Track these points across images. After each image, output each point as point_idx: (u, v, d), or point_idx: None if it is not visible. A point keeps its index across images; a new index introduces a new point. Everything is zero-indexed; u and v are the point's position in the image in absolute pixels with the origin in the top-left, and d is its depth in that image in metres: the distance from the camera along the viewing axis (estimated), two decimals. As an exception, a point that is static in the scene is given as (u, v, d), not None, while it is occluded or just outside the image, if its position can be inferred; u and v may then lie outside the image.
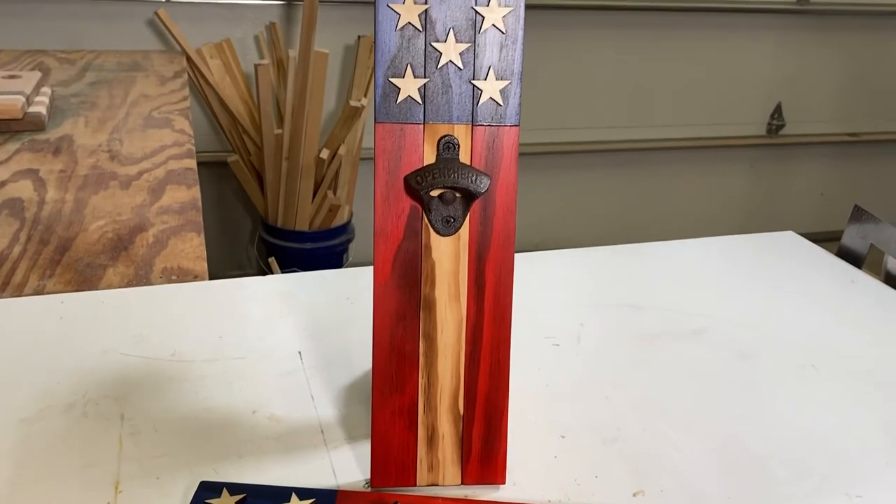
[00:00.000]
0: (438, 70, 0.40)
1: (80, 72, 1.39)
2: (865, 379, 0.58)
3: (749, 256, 0.77)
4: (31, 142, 1.01)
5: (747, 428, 0.51)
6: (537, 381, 0.55)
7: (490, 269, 0.43)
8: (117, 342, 0.57)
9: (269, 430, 0.49)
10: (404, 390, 0.43)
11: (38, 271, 0.68)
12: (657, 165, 2.31)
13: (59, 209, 0.81)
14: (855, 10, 2.23)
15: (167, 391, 0.52)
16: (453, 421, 0.44)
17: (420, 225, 0.42)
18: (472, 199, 0.42)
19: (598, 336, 0.61)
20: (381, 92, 0.40)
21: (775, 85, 2.29)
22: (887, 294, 0.71)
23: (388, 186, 0.41)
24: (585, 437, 0.49)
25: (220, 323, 0.60)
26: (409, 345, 0.43)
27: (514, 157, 0.42)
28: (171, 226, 0.78)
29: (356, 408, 0.51)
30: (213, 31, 1.78)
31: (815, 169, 2.46)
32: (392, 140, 0.41)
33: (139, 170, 0.93)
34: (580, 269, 0.73)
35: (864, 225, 0.77)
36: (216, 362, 0.55)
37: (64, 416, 0.49)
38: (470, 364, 0.43)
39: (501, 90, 0.41)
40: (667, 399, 0.54)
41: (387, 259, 0.42)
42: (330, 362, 0.56)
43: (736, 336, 0.62)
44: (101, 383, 0.52)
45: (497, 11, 0.40)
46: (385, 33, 0.39)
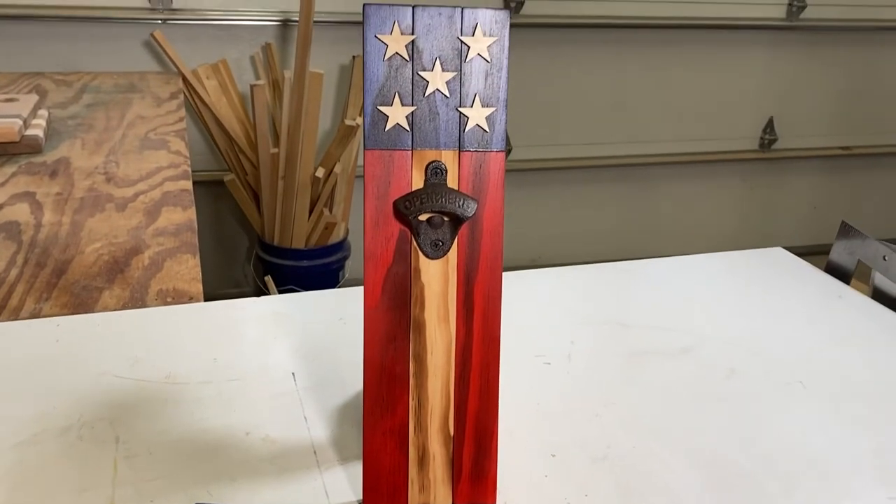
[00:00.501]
0: (426, 98, 0.41)
1: (77, 94, 1.41)
2: (853, 395, 0.58)
3: (737, 273, 0.78)
4: (28, 164, 1.02)
5: (736, 445, 0.52)
6: (528, 399, 0.56)
7: (478, 291, 0.44)
8: (113, 365, 0.57)
9: (263, 451, 0.49)
10: (395, 411, 0.44)
11: (35, 294, 0.68)
12: (651, 180, 2.33)
13: (56, 232, 0.81)
14: (845, 25, 2.26)
15: (162, 414, 0.52)
16: (444, 441, 0.44)
17: (409, 248, 0.43)
18: (460, 223, 0.42)
19: (588, 354, 0.62)
20: (369, 120, 0.41)
21: (767, 100, 2.31)
22: (874, 309, 0.72)
23: (378, 211, 0.42)
24: (575, 456, 0.50)
25: (214, 345, 0.61)
26: (400, 366, 0.44)
27: (500, 182, 0.43)
28: (166, 248, 0.79)
29: (348, 428, 0.52)
30: (209, 51, 1.79)
31: (807, 182, 2.48)
32: (381, 166, 0.42)
33: (135, 192, 0.94)
34: (570, 286, 0.74)
35: (851, 241, 0.78)
36: (210, 384, 0.56)
37: (59, 440, 0.49)
38: (460, 385, 0.44)
39: (487, 117, 0.42)
40: (656, 417, 0.54)
41: (377, 282, 0.43)
42: (323, 383, 0.56)
43: (724, 353, 0.63)
44: (96, 406, 0.53)
45: (482, 41, 0.41)
46: (373, 63, 0.40)
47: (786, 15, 2.19)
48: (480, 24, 0.41)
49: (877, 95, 2.41)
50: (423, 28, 0.40)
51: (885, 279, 0.74)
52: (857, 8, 2.24)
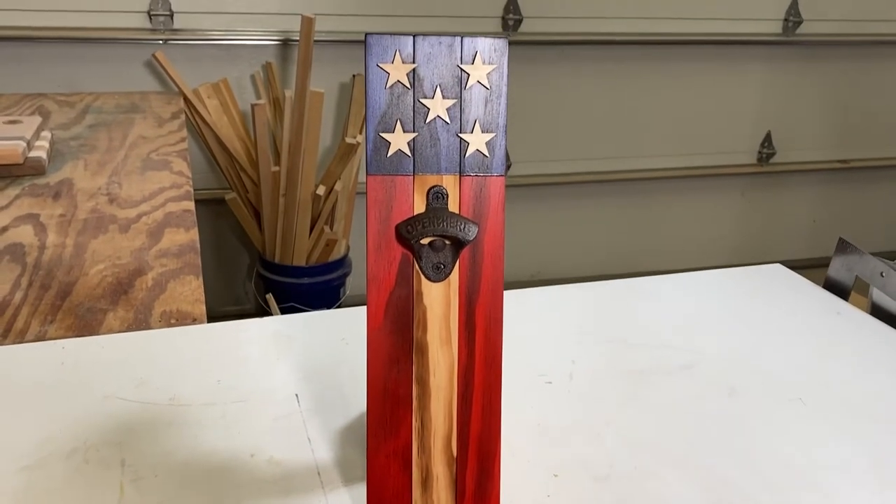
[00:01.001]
0: (426, 124, 0.42)
1: (80, 114, 1.42)
2: (853, 411, 0.59)
3: (737, 290, 0.79)
4: (32, 186, 1.03)
5: (737, 464, 0.52)
6: (530, 419, 0.56)
7: (480, 313, 0.44)
8: (117, 387, 0.58)
9: (267, 473, 0.50)
10: (398, 433, 0.44)
11: (40, 317, 0.69)
12: (651, 195, 2.34)
13: (60, 254, 0.82)
14: (840, 40, 2.28)
15: (167, 436, 0.53)
16: (447, 463, 0.45)
17: (411, 271, 0.43)
18: (461, 247, 0.43)
19: (589, 373, 0.63)
20: (372, 146, 0.42)
21: (764, 114, 2.33)
22: (873, 325, 0.72)
23: (380, 235, 0.43)
24: (578, 476, 0.50)
25: (218, 366, 0.61)
26: (403, 388, 0.44)
27: (500, 206, 0.43)
28: (169, 269, 0.79)
29: (352, 450, 0.52)
30: (210, 71, 1.81)
31: (806, 196, 2.49)
32: (383, 191, 0.43)
33: (138, 212, 0.95)
34: (571, 304, 0.74)
35: (848, 257, 0.79)
36: (215, 406, 0.56)
37: (65, 463, 0.50)
38: (462, 406, 0.45)
39: (487, 142, 0.43)
40: (657, 436, 0.55)
41: (379, 305, 0.44)
42: (326, 404, 0.57)
43: (725, 371, 0.64)
44: (101, 429, 0.53)
45: (481, 69, 0.42)
46: (375, 91, 0.41)
47: (782, 30, 2.21)
48: (480, 52, 0.42)
49: (874, 109, 2.42)
50: (424, 57, 0.41)
51: (883, 295, 0.75)
52: (852, 23, 2.26)
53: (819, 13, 2.21)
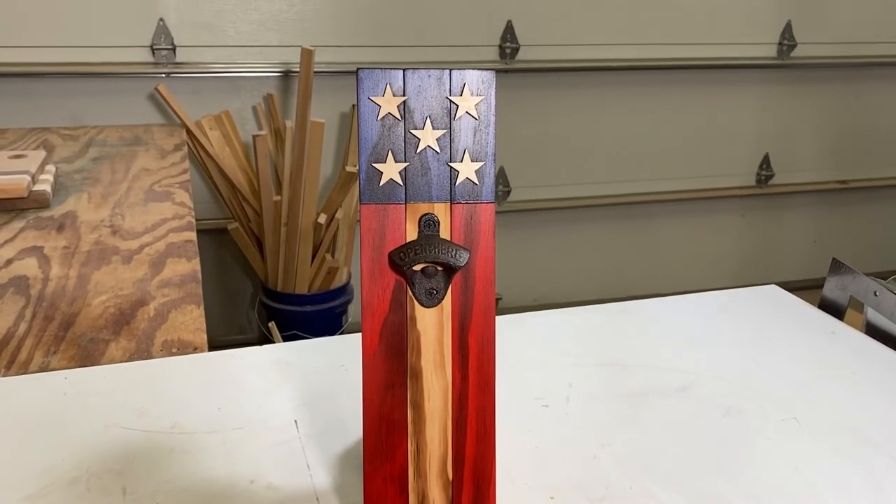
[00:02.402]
0: (417, 154, 0.43)
1: (83, 148, 1.44)
2: (847, 430, 0.59)
3: (733, 311, 0.80)
4: (36, 219, 1.04)
5: (733, 483, 0.53)
6: (526, 442, 0.57)
7: (473, 337, 0.45)
8: (119, 416, 0.59)
9: (266, 499, 0.50)
10: (394, 458, 0.45)
11: (43, 348, 0.70)
12: (651, 218, 2.35)
13: (63, 285, 0.83)
14: (834, 62, 2.30)
15: (168, 463, 0.53)
16: (443, 486, 0.45)
17: (405, 298, 0.44)
18: (453, 272, 0.44)
19: (585, 396, 0.63)
20: (364, 176, 0.43)
21: (762, 136, 2.35)
22: (867, 344, 0.73)
23: (374, 262, 0.44)
24: (574, 498, 0.51)
25: (218, 394, 0.62)
26: (398, 413, 0.45)
27: (491, 232, 0.45)
28: (171, 299, 0.80)
29: (350, 475, 0.53)
30: (211, 103, 1.84)
31: (806, 216, 2.50)
32: (376, 219, 0.44)
33: (140, 244, 0.96)
34: (568, 328, 0.75)
35: (842, 277, 0.80)
36: (215, 433, 0.57)
37: (67, 492, 0.50)
38: (457, 430, 0.45)
39: (477, 170, 0.44)
40: (653, 457, 0.55)
41: (374, 331, 0.45)
42: (325, 430, 0.58)
43: (720, 392, 0.64)
44: (103, 458, 0.54)
45: (470, 100, 0.43)
46: (367, 123, 0.43)
47: (776, 53, 2.24)
48: (468, 84, 0.43)
49: (870, 129, 2.44)
50: (414, 89, 0.42)
51: (877, 314, 0.76)
52: (845, 45, 2.29)
53: (812, 37, 2.24)
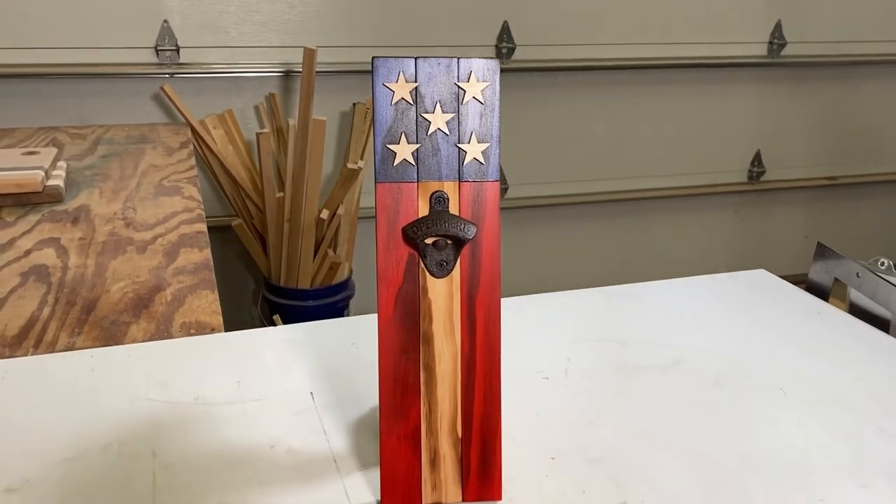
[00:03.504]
0: (428, 136, 0.47)
1: (92, 146, 1.47)
2: (830, 399, 0.63)
3: (723, 293, 0.83)
4: (51, 213, 1.08)
5: (722, 445, 0.56)
6: (529, 410, 0.60)
7: (480, 305, 0.49)
8: (144, 390, 0.62)
9: (287, 462, 0.54)
10: (408, 417, 0.49)
11: (68, 330, 0.73)
12: (646, 214, 2.39)
13: (82, 273, 0.87)
14: (824, 61, 2.35)
15: (193, 431, 0.57)
16: (453, 444, 0.49)
17: (417, 269, 0.48)
18: (462, 245, 0.48)
19: (583, 369, 0.67)
20: (379, 157, 0.47)
21: (753, 133, 2.39)
22: (850, 322, 0.77)
23: (389, 237, 0.48)
24: (573, 458, 0.55)
25: (237, 370, 0.66)
26: (412, 376, 0.49)
27: (496, 208, 0.48)
28: (186, 285, 0.84)
29: (365, 440, 0.56)
30: (215, 102, 1.87)
31: (796, 212, 2.54)
32: (391, 197, 0.47)
33: (153, 235, 1.00)
34: (567, 310, 0.79)
35: (827, 261, 0.84)
36: (236, 405, 0.61)
37: (101, 455, 0.54)
38: (466, 391, 0.49)
39: (483, 151, 0.48)
40: (647, 423, 0.59)
41: (389, 300, 0.48)
42: (340, 401, 0.61)
43: (710, 365, 0.68)
44: (132, 426, 0.57)
45: (476, 86, 0.47)
46: (382, 107, 0.46)
47: (767, 52, 2.28)
48: (474, 71, 0.47)
49: (859, 127, 2.49)
50: (425, 76, 0.46)
51: (859, 294, 0.80)
52: (834, 44, 2.33)
53: (802, 36, 2.29)
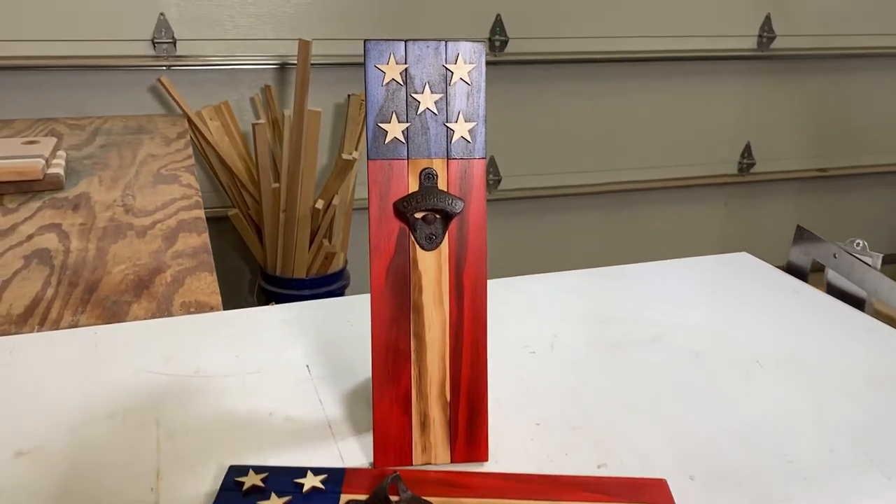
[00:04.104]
0: (418, 116, 0.50)
1: (91, 136, 1.50)
2: (804, 371, 0.66)
3: (706, 275, 0.86)
4: (52, 199, 1.10)
5: (699, 412, 0.59)
6: (516, 382, 0.63)
7: (467, 276, 0.51)
8: (147, 363, 0.65)
9: (285, 427, 0.56)
10: (399, 382, 0.51)
11: (71, 309, 0.76)
12: (637, 206, 2.42)
13: (84, 256, 0.89)
14: (812, 54, 2.38)
15: (194, 400, 0.60)
16: (442, 407, 0.52)
17: (408, 242, 0.51)
18: (450, 219, 0.50)
19: (569, 344, 0.70)
20: (372, 135, 0.50)
21: (743, 126, 2.42)
22: (827, 301, 0.80)
23: (381, 211, 0.50)
24: (556, 425, 0.57)
25: (235, 345, 0.68)
26: (402, 343, 0.51)
27: (482, 184, 0.51)
28: (185, 267, 0.87)
29: (359, 408, 0.59)
30: (211, 94, 1.89)
31: (786, 203, 2.57)
32: (382, 173, 0.50)
33: (153, 220, 1.02)
34: (553, 289, 0.82)
35: (806, 243, 0.87)
36: (235, 377, 0.63)
37: (107, 424, 0.57)
38: (454, 358, 0.52)
39: (469, 130, 0.50)
40: (628, 393, 0.62)
41: (381, 272, 0.51)
42: (334, 373, 0.64)
43: (691, 340, 0.71)
44: (136, 396, 0.60)
45: (463, 67, 0.49)
46: (374, 88, 0.49)
47: (756, 45, 2.31)
48: (461, 53, 0.49)
49: (848, 119, 2.52)
50: (414, 58, 0.49)
51: (836, 275, 0.82)
52: (823, 37, 2.36)
53: (791, 29, 2.32)
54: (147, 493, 0.49)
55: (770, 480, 0.52)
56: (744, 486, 0.51)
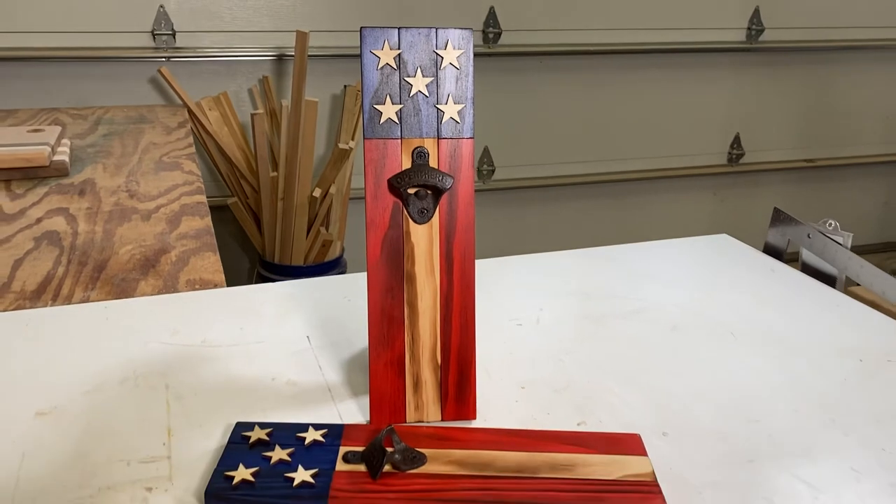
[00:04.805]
0: (410, 98, 0.53)
1: (93, 126, 1.53)
2: (775, 342, 0.70)
3: (687, 255, 0.90)
4: (58, 185, 1.14)
5: (674, 378, 0.63)
6: (503, 350, 0.67)
7: (457, 248, 0.55)
8: (156, 335, 0.69)
9: (287, 391, 0.60)
10: (394, 346, 0.55)
11: (82, 285, 0.80)
12: (629, 195, 2.46)
13: (92, 238, 0.93)
14: (800, 46, 2.42)
15: (201, 367, 0.64)
16: (433, 369, 0.56)
17: (401, 216, 0.55)
18: (440, 195, 0.54)
19: (553, 317, 0.74)
20: (367, 116, 0.53)
21: (733, 117, 2.46)
22: (801, 279, 0.84)
23: (376, 187, 0.54)
24: (540, 388, 0.61)
25: (239, 318, 0.72)
26: (397, 310, 0.55)
27: (470, 162, 0.55)
28: (189, 248, 0.90)
29: (356, 374, 0.63)
30: (210, 85, 1.93)
31: (775, 194, 2.62)
32: (377, 152, 0.54)
33: (156, 205, 1.06)
34: (540, 268, 0.86)
35: (783, 225, 0.91)
36: (239, 346, 0.67)
37: (120, 388, 0.60)
38: (444, 324, 0.56)
39: (458, 111, 0.54)
40: (609, 360, 0.66)
41: (377, 244, 0.55)
42: (333, 343, 0.68)
43: (669, 314, 0.75)
44: (146, 363, 0.64)
45: (452, 53, 0.53)
46: (369, 72, 0.53)
47: (745, 38, 2.35)
48: (451, 40, 0.53)
49: (835, 110, 2.57)
50: (407, 44, 0.53)
51: (810, 254, 0.87)
52: (811, 30, 2.41)
53: (779, 22, 2.36)
54: (160, 447, 0.53)
55: (737, 436, 0.56)
56: (712, 440, 0.55)
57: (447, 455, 0.50)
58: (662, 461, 0.52)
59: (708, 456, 0.53)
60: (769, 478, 0.51)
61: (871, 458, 0.54)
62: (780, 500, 0.49)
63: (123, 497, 0.48)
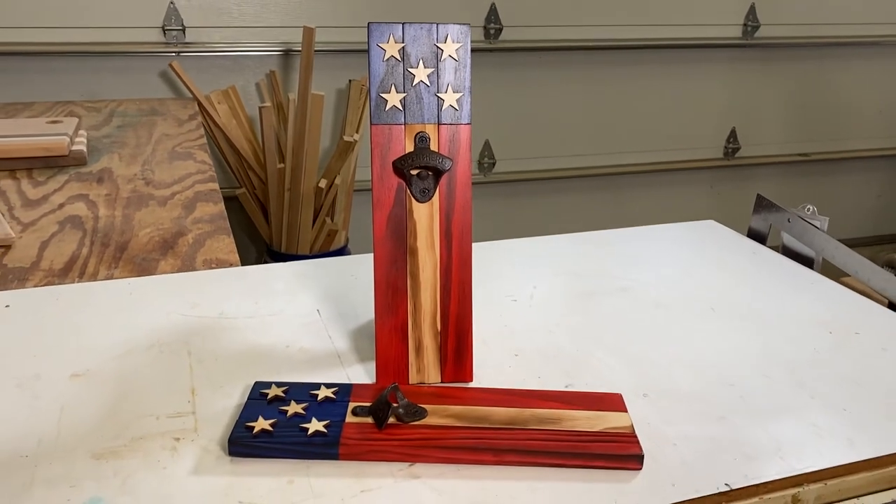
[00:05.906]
0: (413, 87, 0.59)
1: (107, 118, 1.58)
2: (752, 316, 0.75)
3: (674, 239, 0.96)
4: (77, 174, 1.19)
5: (656, 348, 0.69)
6: (498, 323, 0.73)
7: (455, 225, 0.61)
8: (177, 308, 0.74)
9: (300, 357, 0.66)
10: (398, 314, 0.61)
11: (105, 264, 0.85)
12: (626, 189, 2.51)
13: (112, 222, 0.98)
14: (796, 42, 2.47)
15: (220, 336, 0.69)
16: (433, 336, 0.61)
17: (404, 195, 0.60)
18: (440, 175, 0.60)
19: (546, 294, 0.79)
20: (374, 103, 0.59)
21: (729, 112, 2.51)
22: (781, 261, 0.89)
23: (382, 169, 0.60)
24: (532, 356, 0.67)
25: (254, 294, 0.78)
26: (400, 281, 0.61)
27: (468, 146, 0.60)
28: (205, 231, 0.96)
29: (362, 342, 0.68)
30: (218, 79, 1.98)
31: (770, 187, 2.67)
32: (383, 136, 0.59)
33: (171, 192, 1.11)
34: (535, 250, 0.91)
35: (765, 211, 0.96)
36: (255, 318, 0.72)
37: (146, 354, 0.66)
38: (444, 294, 0.61)
39: (457, 100, 0.59)
40: (596, 332, 0.71)
41: (382, 221, 0.60)
42: (341, 315, 0.73)
43: (654, 292, 0.80)
44: (169, 332, 0.69)
45: (451, 46, 0.58)
46: (376, 63, 0.58)
47: (741, 34, 2.40)
48: (450, 34, 0.58)
49: (830, 105, 2.61)
50: (410, 38, 0.58)
51: (791, 238, 0.92)
52: (806, 26, 2.45)
53: (775, 18, 2.40)
54: (185, 405, 0.59)
55: (711, 398, 0.61)
56: (688, 401, 0.60)
57: (445, 410, 0.56)
58: (641, 418, 0.58)
59: (683, 413, 0.59)
60: (738, 431, 0.57)
61: (834, 416, 0.59)
62: (747, 450, 0.55)
63: (154, 445, 0.54)
